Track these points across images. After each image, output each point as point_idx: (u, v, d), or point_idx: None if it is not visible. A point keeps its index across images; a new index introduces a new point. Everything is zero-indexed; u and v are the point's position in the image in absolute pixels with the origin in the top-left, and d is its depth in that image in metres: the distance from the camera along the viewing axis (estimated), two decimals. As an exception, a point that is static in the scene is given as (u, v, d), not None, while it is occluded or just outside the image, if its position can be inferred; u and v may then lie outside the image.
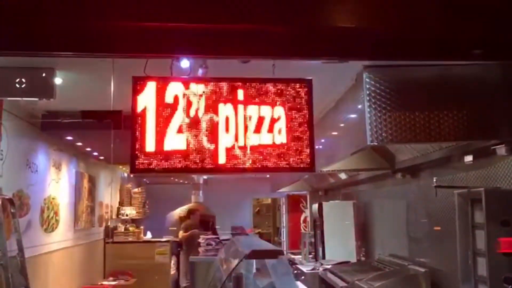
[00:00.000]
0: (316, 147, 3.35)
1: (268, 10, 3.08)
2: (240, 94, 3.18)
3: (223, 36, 3.05)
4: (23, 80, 3.66)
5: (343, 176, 7.20)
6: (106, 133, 4.29)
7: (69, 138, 6.45)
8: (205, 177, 12.59)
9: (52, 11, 2.95)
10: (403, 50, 3.21)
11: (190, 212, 9.81)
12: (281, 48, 3.12)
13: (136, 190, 11.68)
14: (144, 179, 13.23)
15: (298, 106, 3.20)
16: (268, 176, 11.01)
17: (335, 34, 3.14)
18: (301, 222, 11.03)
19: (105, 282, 8.29)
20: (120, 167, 10.38)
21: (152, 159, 3.08)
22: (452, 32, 3.15)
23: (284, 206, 12.55)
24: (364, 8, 3.16)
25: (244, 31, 3.07)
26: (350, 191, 8.04)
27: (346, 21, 3.17)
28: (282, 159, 3.12)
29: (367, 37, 3.17)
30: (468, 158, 4.12)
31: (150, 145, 3.10)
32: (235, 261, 3.17)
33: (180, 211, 12.48)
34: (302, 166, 3.12)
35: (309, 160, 3.13)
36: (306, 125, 3.18)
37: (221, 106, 3.18)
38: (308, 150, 3.14)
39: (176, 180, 12.74)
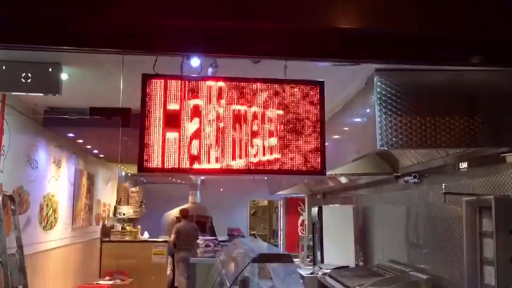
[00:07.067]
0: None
1: (280, 9, 3.04)
2: (251, 95, 3.13)
3: (234, 34, 3.01)
4: (29, 74, 3.62)
5: (343, 180, 7.16)
6: (110, 130, 4.23)
7: (71, 135, 6.38)
8: (202, 177, 12.52)
9: (60, 5, 2.90)
10: (413, 53, 3.18)
11: None
12: (292, 48, 3.08)
13: (133, 189, 11.59)
14: (142, 178, 13.14)
15: (310, 108, 3.15)
16: (266, 178, 10.96)
17: (346, 35, 3.10)
18: (299, 225, 11.00)
19: (101, 282, 8.21)
20: (119, 165, 10.30)
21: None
22: (454, 36, 3.12)
23: (282, 208, 12.51)
24: (374, 9, 3.13)
25: (256, 30, 3.02)
26: (349, 195, 8.00)
27: (356, 23, 3.13)
28: (292, 162, 3.07)
29: (378, 39, 3.13)
30: (463, 165, 4.10)
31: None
32: (242, 264, 3.12)
33: (176, 212, 12.41)
34: (312, 169, 3.07)
35: (319, 164, 3.08)
36: (317, 128, 3.13)
37: (230, 107, 3.13)
38: (319, 153, 3.09)
39: (174, 180, 12.67)
